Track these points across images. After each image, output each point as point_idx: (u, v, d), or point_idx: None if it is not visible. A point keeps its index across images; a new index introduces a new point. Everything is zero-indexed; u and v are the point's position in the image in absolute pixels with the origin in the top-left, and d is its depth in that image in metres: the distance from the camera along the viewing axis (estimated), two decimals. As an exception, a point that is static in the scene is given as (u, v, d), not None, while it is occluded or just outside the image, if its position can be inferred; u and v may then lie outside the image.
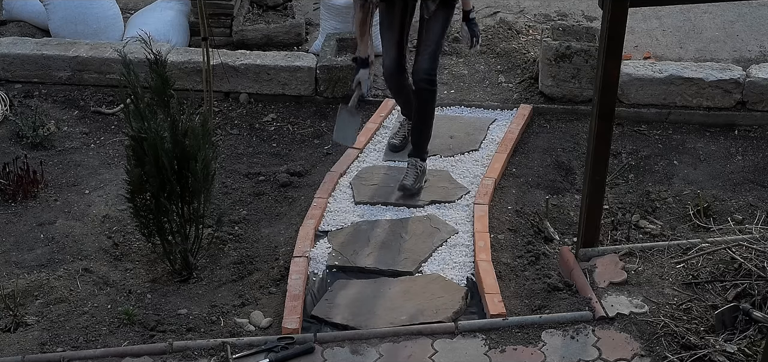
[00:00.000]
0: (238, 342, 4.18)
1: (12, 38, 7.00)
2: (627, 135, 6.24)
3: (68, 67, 6.67)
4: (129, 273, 4.88)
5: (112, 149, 6.05)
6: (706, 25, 7.68)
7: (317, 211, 5.26)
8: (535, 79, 6.70)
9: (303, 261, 4.80)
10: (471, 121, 6.30)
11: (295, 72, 6.57)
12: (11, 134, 6.12)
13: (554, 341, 4.18)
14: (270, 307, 4.55)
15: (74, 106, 6.54)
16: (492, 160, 5.78)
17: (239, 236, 5.20)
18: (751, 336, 3.98)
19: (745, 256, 4.37)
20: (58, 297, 4.60)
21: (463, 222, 5.20)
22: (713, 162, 5.97)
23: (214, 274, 4.87)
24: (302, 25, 7.53)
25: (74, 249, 5.02)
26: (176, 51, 6.72)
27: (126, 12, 7.66)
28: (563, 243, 5.15)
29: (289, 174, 5.80)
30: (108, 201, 5.46)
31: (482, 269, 4.69)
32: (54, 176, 5.72)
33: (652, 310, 4.27)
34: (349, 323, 4.40)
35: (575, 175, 5.83)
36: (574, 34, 6.48)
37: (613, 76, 4.33)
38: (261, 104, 6.61)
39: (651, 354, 4.04)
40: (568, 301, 4.45)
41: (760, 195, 5.58)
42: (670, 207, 5.51)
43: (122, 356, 4.14)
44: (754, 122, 6.33)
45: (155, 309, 4.54)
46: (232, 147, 6.14)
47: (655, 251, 4.71)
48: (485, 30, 7.52)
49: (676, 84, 6.36)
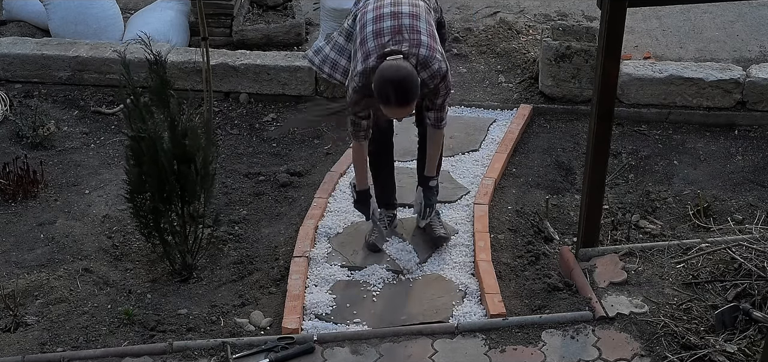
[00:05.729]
0: (238, 342, 4.18)
1: (12, 38, 7.00)
2: (627, 135, 6.24)
3: (68, 67, 6.67)
4: (129, 273, 4.88)
5: (112, 149, 6.05)
6: (706, 25, 7.68)
7: (317, 211, 5.26)
8: (535, 79, 6.70)
9: (303, 261, 4.80)
10: (471, 121, 6.30)
11: (295, 72, 6.57)
12: (11, 134, 6.12)
13: (554, 341, 4.18)
14: (270, 307, 4.55)
15: (74, 106, 6.54)
16: (492, 160, 5.78)
17: (239, 236, 5.20)
18: (751, 336, 3.98)
19: (745, 256, 4.37)
20: (58, 297, 4.60)
21: (463, 222, 5.20)
22: (713, 162, 5.97)
23: (214, 274, 4.87)
24: (302, 25, 7.53)
25: (74, 249, 5.02)
26: (176, 51, 6.72)
27: (126, 12, 7.66)
28: (563, 243, 5.15)
29: (289, 174, 5.80)
30: (108, 201, 5.46)
31: (482, 269, 4.69)
32: (54, 176, 5.73)
33: (652, 310, 4.27)
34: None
35: (575, 175, 5.83)
36: (574, 34, 6.48)
37: (612, 76, 4.33)
38: (261, 104, 6.61)
39: (651, 354, 4.04)
40: (568, 301, 4.45)
41: (760, 195, 5.58)
42: (670, 207, 5.51)
43: (122, 356, 4.14)
44: (754, 122, 6.33)
45: (155, 309, 4.55)
46: (232, 147, 6.14)
47: (655, 251, 4.71)
48: (485, 30, 7.53)
49: (676, 84, 6.36)
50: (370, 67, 4.28)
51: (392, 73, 4.18)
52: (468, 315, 4.44)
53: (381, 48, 4.31)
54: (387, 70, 4.20)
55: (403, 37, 4.31)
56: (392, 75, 4.17)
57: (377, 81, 4.20)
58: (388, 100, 4.18)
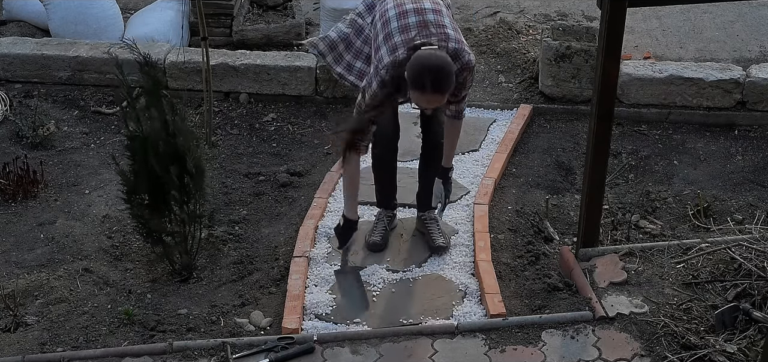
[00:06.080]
0: (238, 342, 4.18)
1: (12, 38, 7.00)
2: (627, 135, 6.24)
3: (68, 67, 6.67)
4: (129, 273, 4.88)
5: (112, 149, 6.04)
6: (706, 25, 7.68)
7: (317, 211, 5.26)
8: (535, 79, 6.70)
9: (303, 261, 4.81)
10: (471, 121, 6.29)
11: (296, 72, 6.57)
12: (11, 134, 6.12)
13: (554, 341, 4.18)
14: (270, 307, 4.55)
15: (74, 106, 6.54)
16: (492, 160, 5.78)
17: (239, 236, 5.20)
18: (751, 336, 3.99)
19: (745, 256, 4.38)
20: (58, 297, 4.60)
21: (463, 222, 5.20)
22: (713, 162, 5.97)
23: (214, 274, 4.87)
24: (302, 25, 7.53)
25: (74, 249, 5.02)
26: (176, 51, 6.71)
27: (126, 12, 7.66)
28: (563, 243, 5.15)
29: (289, 174, 5.80)
30: (108, 201, 5.46)
31: (482, 269, 4.69)
32: (54, 176, 5.73)
33: (652, 310, 4.27)
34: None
35: (575, 175, 5.83)
36: (574, 34, 6.48)
37: (612, 76, 4.33)
38: (261, 104, 6.61)
39: (651, 354, 4.04)
40: (568, 301, 4.46)
41: (760, 195, 5.58)
42: (670, 207, 5.51)
43: (122, 356, 4.14)
44: (754, 122, 6.33)
45: (155, 309, 4.55)
46: (232, 147, 6.14)
47: (655, 251, 4.71)
48: (485, 30, 7.53)
49: (676, 84, 6.36)
50: (400, 59, 4.28)
51: (430, 60, 4.16)
52: (468, 315, 4.44)
53: (409, 41, 4.32)
54: (424, 57, 4.19)
55: (430, 31, 4.33)
56: (430, 62, 4.16)
57: (413, 67, 4.17)
58: (424, 87, 4.14)
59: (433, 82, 4.14)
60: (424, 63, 4.17)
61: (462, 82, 4.43)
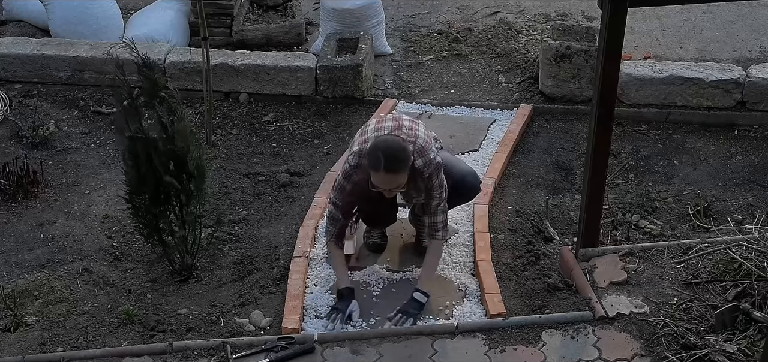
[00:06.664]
0: (238, 342, 4.18)
1: (12, 38, 7.00)
2: (627, 135, 6.24)
3: (68, 67, 6.67)
4: (129, 273, 4.88)
5: (112, 149, 6.05)
6: (706, 25, 7.68)
7: (317, 211, 5.26)
8: (535, 79, 6.70)
9: (303, 261, 4.80)
10: (471, 121, 6.30)
11: (295, 72, 6.57)
12: (11, 134, 6.12)
13: (554, 341, 4.18)
14: (270, 307, 4.55)
15: (74, 106, 6.54)
16: (492, 160, 5.78)
17: (239, 236, 5.20)
18: (751, 336, 3.98)
19: (745, 256, 4.37)
20: (58, 297, 4.60)
21: (463, 222, 5.19)
22: (713, 162, 5.97)
23: (214, 274, 4.87)
24: (302, 25, 7.53)
25: (74, 249, 5.02)
26: (176, 51, 6.72)
27: (126, 12, 7.66)
28: (563, 243, 5.15)
29: (289, 174, 5.80)
30: (108, 201, 5.46)
31: (482, 269, 4.69)
32: (54, 176, 5.73)
33: (652, 310, 4.27)
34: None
35: (575, 175, 5.83)
36: (574, 34, 6.49)
37: (612, 76, 4.33)
38: (261, 104, 6.61)
39: (651, 354, 4.04)
40: (568, 301, 4.45)
41: (760, 195, 5.58)
42: (670, 207, 5.51)
43: (122, 356, 4.14)
44: (754, 122, 6.33)
45: (155, 309, 4.55)
46: (232, 147, 6.14)
47: (655, 251, 4.71)
48: (485, 30, 7.53)
49: (676, 84, 6.36)
50: (367, 149, 4.36)
51: (386, 141, 4.34)
52: (468, 315, 4.44)
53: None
54: (381, 139, 4.38)
55: (402, 132, 4.44)
56: (386, 142, 4.32)
57: (370, 149, 4.31)
58: (378, 166, 4.23)
59: (387, 160, 4.22)
60: (379, 144, 4.30)
61: (428, 188, 4.44)
